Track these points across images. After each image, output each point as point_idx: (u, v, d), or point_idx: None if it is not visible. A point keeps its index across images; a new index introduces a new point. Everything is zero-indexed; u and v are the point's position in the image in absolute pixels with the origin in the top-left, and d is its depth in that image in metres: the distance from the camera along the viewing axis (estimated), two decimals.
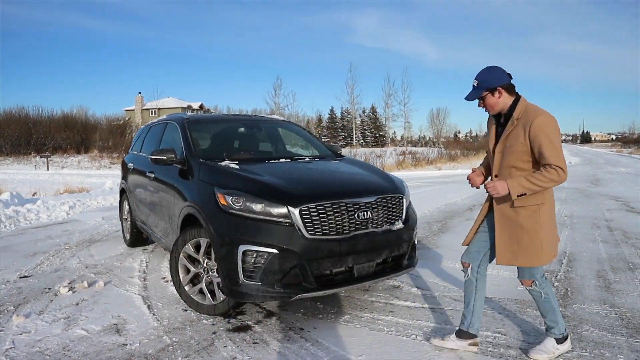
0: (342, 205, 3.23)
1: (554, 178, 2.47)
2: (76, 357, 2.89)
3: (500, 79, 2.62)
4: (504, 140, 2.67)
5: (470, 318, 2.85)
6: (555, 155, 2.47)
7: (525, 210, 2.61)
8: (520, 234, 2.62)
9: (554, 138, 2.51)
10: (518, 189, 2.51)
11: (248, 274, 3.10)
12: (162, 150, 4.05)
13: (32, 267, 4.95)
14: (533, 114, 2.56)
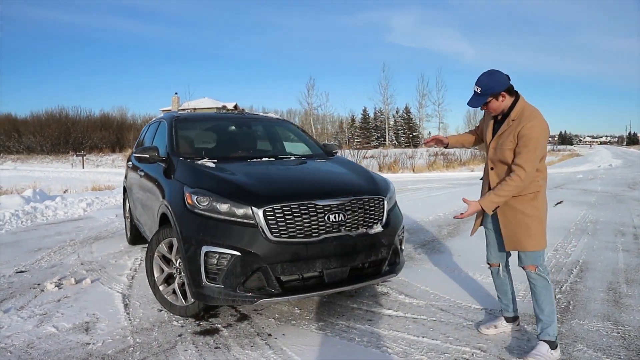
0: (310, 206, 3.07)
1: (517, 184, 2.68)
2: (36, 355, 2.87)
3: (502, 84, 2.73)
4: (497, 137, 2.84)
5: (513, 304, 3.14)
6: (526, 157, 2.65)
7: (524, 198, 2.77)
8: (523, 219, 2.77)
9: (536, 144, 2.66)
10: (490, 205, 2.79)
11: (211, 276, 3.00)
12: (145, 149, 4.02)
13: (31, 263, 5.04)
14: (527, 118, 2.70)
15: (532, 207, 2.77)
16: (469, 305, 3.65)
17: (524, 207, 2.77)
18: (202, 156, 3.84)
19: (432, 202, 9.83)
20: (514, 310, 3.16)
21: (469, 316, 3.44)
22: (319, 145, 4.79)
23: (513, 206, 2.80)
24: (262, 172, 3.53)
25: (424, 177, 18.70)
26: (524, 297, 3.80)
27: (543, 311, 2.80)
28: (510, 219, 2.82)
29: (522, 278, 3.98)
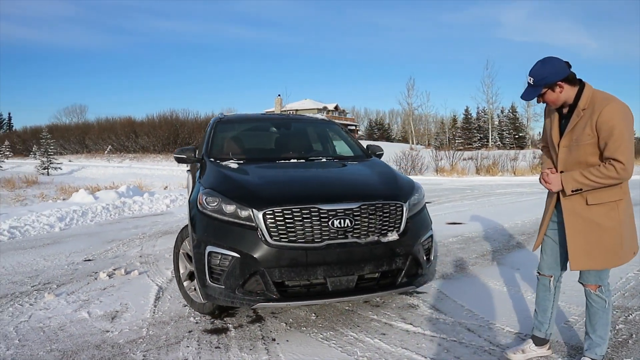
0: (313, 210, 2.95)
1: (612, 175, 2.24)
2: (62, 337, 3.13)
3: (558, 73, 2.35)
4: (569, 133, 2.42)
5: (548, 325, 2.76)
6: (619, 148, 2.22)
7: (601, 207, 2.36)
8: (598, 233, 2.37)
9: (622, 128, 2.23)
10: (572, 183, 2.34)
11: (214, 276, 3.02)
12: (183, 149, 4.20)
13: (100, 252, 5.56)
14: (601, 102, 2.30)
15: (610, 218, 2.35)
16: (501, 327, 3.24)
17: (600, 218, 2.35)
18: (230, 157, 3.90)
19: (516, 208, 9.02)
20: (547, 332, 2.78)
21: (496, 339, 3.05)
22: (360, 147, 4.62)
23: (585, 216, 2.38)
24: (275, 174, 3.49)
25: (520, 180, 17.23)
26: (575, 322, 3.28)
27: (595, 331, 2.53)
28: (581, 230, 2.40)
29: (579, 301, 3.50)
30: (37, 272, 4.74)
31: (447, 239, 6.20)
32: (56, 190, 14.27)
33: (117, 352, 2.91)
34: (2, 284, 4.32)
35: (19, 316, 3.52)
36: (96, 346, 2.99)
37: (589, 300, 2.54)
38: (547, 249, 2.69)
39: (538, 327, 2.79)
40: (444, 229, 6.96)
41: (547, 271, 2.71)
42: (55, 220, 7.37)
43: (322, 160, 4.06)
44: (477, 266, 4.85)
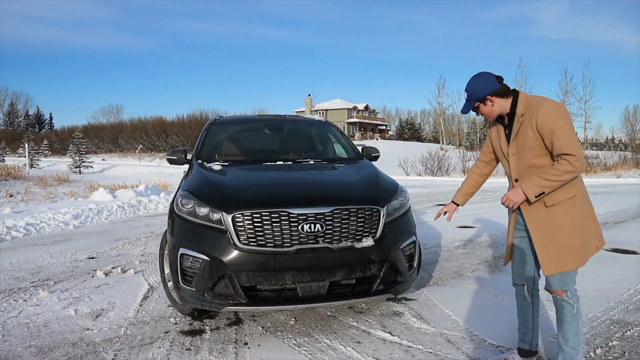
0: (283, 215, 2.91)
1: (568, 169, 2.25)
2: (44, 333, 3.22)
3: (488, 88, 2.45)
4: (514, 141, 2.48)
5: (531, 336, 2.71)
6: (566, 142, 2.26)
7: (559, 207, 2.37)
8: (563, 234, 2.37)
9: (563, 124, 2.29)
10: (534, 188, 2.33)
11: (187, 279, 3.03)
12: (174, 151, 4.24)
13: (104, 251, 5.70)
14: (536, 105, 2.37)
15: (570, 215, 2.36)
16: (483, 339, 3.11)
17: (561, 217, 2.36)
18: (217, 159, 3.91)
19: None
20: (531, 344, 2.70)
21: (475, 353, 2.92)
22: (353, 149, 4.54)
23: (547, 219, 2.39)
24: (253, 177, 3.47)
25: None
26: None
27: (567, 342, 2.46)
28: (546, 234, 2.40)
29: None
30: (40, 268, 4.89)
31: (452, 244, 6.04)
32: (85, 189, 14.75)
33: (90, 350, 2.96)
34: (4, 280, 4.48)
35: (10, 312, 3.63)
36: (73, 344, 3.05)
37: (557, 307, 2.49)
38: (517, 258, 2.66)
39: (521, 337, 2.73)
40: (453, 232, 6.79)
41: (519, 280, 2.68)
42: (70, 218, 7.61)
43: (309, 163, 4.01)
44: (476, 273, 4.69)
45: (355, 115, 71.28)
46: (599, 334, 3.17)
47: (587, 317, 3.46)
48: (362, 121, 71.36)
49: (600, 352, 2.90)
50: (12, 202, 10.20)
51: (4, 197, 10.90)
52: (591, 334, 3.17)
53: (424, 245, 5.95)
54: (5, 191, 11.72)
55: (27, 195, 11.71)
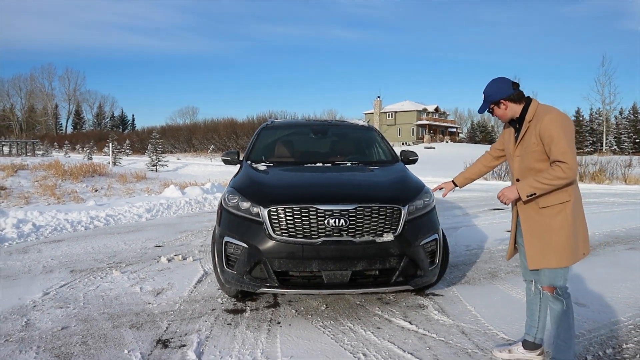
0: (312, 210, 3.30)
1: (559, 175, 2.43)
2: (115, 304, 3.85)
3: (503, 92, 2.65)
4: (520, 144, 2.69)
5: (537, 330, 2.87)
6: (561, 150, 2.43)
7: (551, 209, 2.56)
8: (550, 234, 2.56)
9: (562, 133, 2.46)
10: (526, 189, 2.52)
11: (229, 263, 3.51)
12: (228, 153, 4.78)
13: (170, 241, 6.41)
14: (543, 113, 2.57)
15: (561, 219, 2.54)
16: (496, 333, 3.31)
17: (551, 220, 2.56)
18: (263, 160, 4.38)
19: (594, 219, 8.37)
20: (536, 337, 2.88)
21: (484, 344, 3.14)
22: (391, 153, 4.84)
23: (538, 219, 2.60)
24: (291, 177, 3.88)
25: (626, 189, 15.62)
26: (578, 336, 3.23)
27: (559, 335, 2.64)
28: (535, 232, 2.62)
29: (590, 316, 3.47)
30: (115, 253, 5.66)
31: (495, 247, 6.12)
32: (159, 185, 16.06)
33: (149, 319, 3.53)
34: (86, 261, 5.26)
35: (89, 286, 4.33)
36: (136, 313, 3.65)
37: (549, 303, 2.68)
38: (522, 256, 2.85)
39: (527, 330, 2.92)
40: (499, 236, 6.82)
41: (527, 276, 2.87)
42: (143, 211, 8.51)
43: (345, 165, 4.37)
44: (511, 275, 4.80)
45: (425, 118, 70.06)
46: (616, 336, 3.25)
47: (609, 321, 3.52)
48: (432, 123, 69.99)
49: (611, 352, 3.01)
50: (96, 196, 11.46)
51: (90, 192, 12.23)
52: (608, 336, 3.25)
53: (467, 246, 6.09)
54: (91, 186, 13.12)
55: (109, 190, 13.03)
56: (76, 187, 12.44)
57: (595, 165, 22.18)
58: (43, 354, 2.96)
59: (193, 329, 3.34)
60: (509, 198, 2.62)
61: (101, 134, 67.95)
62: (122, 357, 2.92)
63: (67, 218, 7.50)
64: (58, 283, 4.40)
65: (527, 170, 2.64)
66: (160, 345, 3.09)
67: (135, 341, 3.14)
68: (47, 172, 13.49)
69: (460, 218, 8.64)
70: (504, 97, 2.65)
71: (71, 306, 3.79)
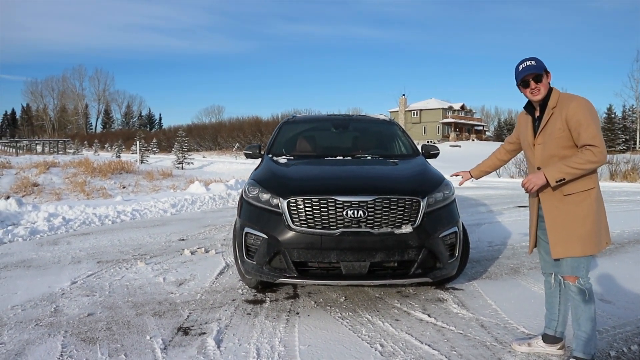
0: (330, 201, 3.31)
1: (591, 158, 2.39)
2: (139, 293, 3.96)
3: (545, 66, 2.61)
4: (543, 131, 2.62)
5: (557, 324, 2.84)
6: (591, 134, 2.40)
7: (576, 197, 2.51)
8: (575, 222, 2.51)
9: (590, 119, 2.44)
10: (556, 174, 2.45)
11: (249, 254, 3.56)
12: (250, 147, 4.85)
13: (193, 234, 6.53)
14: (568, 99, 2.54)
15: (585, 206, 2.50)
16: (516, 327, 3.26)
17: (576, 207, 2.51)
18: (283, 154, 4.42)
19: (624, 217, 8.13)
20: (556, 331, 2.84)
21: (502, 337, 3.10)
22: (412, 146, 4.82)
23: (562, 207, 2.54)
24: (310, 170, 3.90)
25: None
26: (604, 332, 3.16)
27: (580, 327, 2.59)
28: (559, 220, 2.55)
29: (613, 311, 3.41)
30: (141, 245, 5.80)
31: (519, 243, 6.01)
32: (184, 182, 16.36)
33: (171, 308, 3.61)
34: (113, 252, 5.42)
35: (115, 276, 4.46)
36: (159, 302, 3.74)
37: (570, 293, 2.63)
38: (542, 250, 2.84)
39: (547, 324, 2.88)
40: (523, 233, 6.69)
41: (547, 269, 2.84)
42: (169, 206, 8.69)
43: (365, 158, 4.37)
44: (533, 270, 4.71)
45: (451, 116, 69.09)
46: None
47: (636, 318, 3.43)
48: (458, 121, 69.00)
49: (636, 348, 2.93)
50: (124, 193, 11.76)
51: (118, 188, 12.56)
52: (633, 333, 3.17)
53: (490, 242, 6.01)
54: (119, 183, 13.46)
55: (136, 187, 13.35)
56: (105, 183, 12.79)
57: (627, 163, 21.49)
58: (70, 338, 3.08)
59: (213, 318, 3.41)
60: (535, 184, 2.51)
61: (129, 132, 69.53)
62: (144, 342, 3.01)
63: (95, 212, 7.73)
64: (85, 273, 4.55)
65: (550, 157, 2.58)
66: (181, 332, 3.17)
67: (157, 328, 3.23)
68: (77, 170, 13.92)
69: (484, 215, 8.52)
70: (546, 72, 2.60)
71: (97, 294, 3.92)
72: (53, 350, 2.89)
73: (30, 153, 32.17)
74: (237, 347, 2.94)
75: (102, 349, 2.91)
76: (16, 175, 12.48)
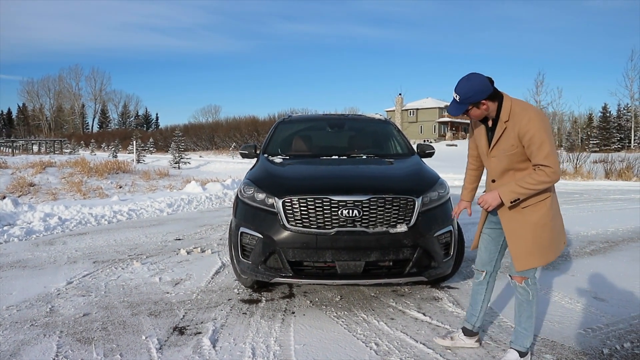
0: (325, 201, 3.32)
1: (544, 179, 2.37)
2: (135, 294, 3.95)
3: (482, 92, 2.44)
4: (496, 144, 2.56)
5: (476, 319, 2.91)
6: (544, 154, 2.36)
7: (534, 207, 2.51)
8: (535, 232, 2.51)
9: (544, 135, 2.38)
10: (510, 195, 2.45)
11: (245, 253, 3.57)
12: (246, 146, 4.85)
13: (189, 234, 6.53)
14: (521, 112, 2.44)
15: (543, 215, 2.50)
16: (510, 325, 3.27)
17: (534, 217, 2.50)
18: (279, 153, 4.43)
19: (618, 215, 8.19)
20: (474, 325, 2.91)
21: (498, 336, 3.11)
22: (407, 146, 4.83)
23: (520, 219, 2.52)
24: (305, 169, 3.91)
25: None
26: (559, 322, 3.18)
27: (521, 323, 2.69)
28: (519, 233, 2.52)
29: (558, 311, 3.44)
30: (137, 245, 5.80)
31: None
32: (181, 182, 16.34)
33: (167, 307, 3.62)
34: (109, 252, 5.41)
35: (111, 276, 4.46)
36: (155, 302, 3.74)
37: (516, 292, 2.68)
38: (483, 246, 2.83)
39: (468, 319, 2.95)
40: None
41: (480, 267, 2.86)
42: (165, 206, 8.68)
43: (360, 157, 4.38)
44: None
45: (447, 115, 69.21)
46: (635, 331, 3.18)
47: (629, 315, 3.46)
48: (454, 120, 69.08)
49: (629, 345, 2.95)
50: (120, 192, 11.74)
51: (114, 188, 12.53)
52: (626, 330, 3.19)
53: None
54: (115, 183, 13.43)
55: (133, 187, 13.32)
56: (101, 183, 12.76)
57: (622, 162, 21.61)
58: (65, 338, 3.08)
59: (209, 318, 3.42)
60: (491, 205, 2.52)
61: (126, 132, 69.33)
62: (140, 342, 3.01)
63: (91, 212, 7.72)
64: (81, 273, 4.55)
65: (505, 171, 2.55)
66: (176, 332, 3.17)
67: (153, 328, 3.23)
68: (73, 169, 13.88)
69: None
70: (486, 97, 2.44)
71: (93, 294, 3.92)
72: (48, 351, 2.89)
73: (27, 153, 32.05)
74: (232, 346, 2.95)
75: (97, 349, 2.91)
76: (12, 175, 12.44)
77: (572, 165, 21.73)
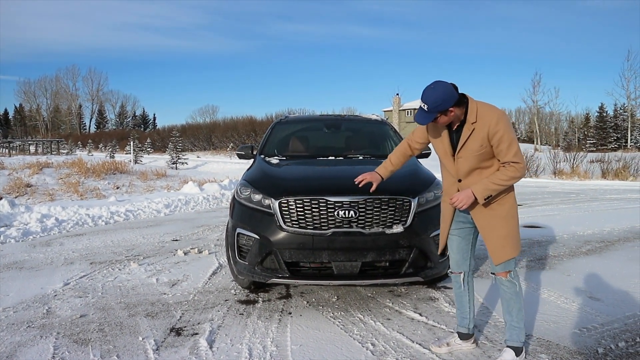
0: (322, 201, 3.33)
1: (515, 175, 2.53)
2: (132, 295, 3.96)
3: (449, 100, 2.49)
4: (464, 146, 2.62)
5: (468, 321, 2.94)
6: (513, 152, 2.51)
7: (502, 200, 2.64)
8: (506, 223, 2.64)
9: (511, 135, 2.52)
10: (484, 192, 2.55)
11: (241, 254, 3.58)
12: (243, 147, 4.86)
13: (187, 235, 6.53)
14: (487, 113, 2.54)
15: (509, 208, 2.66)
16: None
17: (502, 211, 2.64)
18: (276, 154, 4.44)
19: (615, 215, 8.23)
20: (469, 327, 2.94)
21: (494, 336, 3.13)
22: None
23: (491, 214, 2.64)
24: (302, 170, 3.92)
25: None
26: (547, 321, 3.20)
27: (512, 317, 2.73)
28: (492, 227, 2.64)
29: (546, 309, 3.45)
30: (134, 246, 5.80)
31: None
32: (178, 182, 16.33)
33: (164, 309, 3.62)
34: (106, 253, 5.42)
35: (108, 277, 4.46)
36: (152, 303, 3.75)
37: (502, 288, 2.74)
38: (454, 247, 2.87)
39: (460, 322, 2.97)
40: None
41: (457, 268, 2.90)
42: (162, 206, 8.68)
43: (357, 158, 4.39)
44: (525, 269, 4.76)
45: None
46: (630, 330, 3.20)
47: (624, 315, 3.48)
48: None
49: (623, 345, 2.97)
50: (117, 193, 11.73)
51: (112, 189, 12.52)
52: (621, 329, 3.21)
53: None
54: (113, 183, 13.42)
55: (130, 187, 13.31)
56: (98, 184, 12.75)
57: (619, 161, 21.67)
58: (62, 339, 3.08)
59: (206, 319, 3.42)
60: (465, 203, 2.57)
61: (123, 132, 69.13)
62: (137, 343, 3.01)
63: (88, 213, 7.71)
64: (78, 274, 4.55)
65: (472, 170, 2.63)
66: (173, 333, 3.18)
67: (150, 329, 3.23)
68: (70, 170, 13.86)
69: None
70: (452, 104, 2.49)
71: (90, 296, 3.92)
72: (45, 352, 2.89)
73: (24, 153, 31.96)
74: (229, 347, 2.96)
75: (94, 351, 2.91)
76: (9, 176, 12.41)
77: (569, 165, 21.80)
